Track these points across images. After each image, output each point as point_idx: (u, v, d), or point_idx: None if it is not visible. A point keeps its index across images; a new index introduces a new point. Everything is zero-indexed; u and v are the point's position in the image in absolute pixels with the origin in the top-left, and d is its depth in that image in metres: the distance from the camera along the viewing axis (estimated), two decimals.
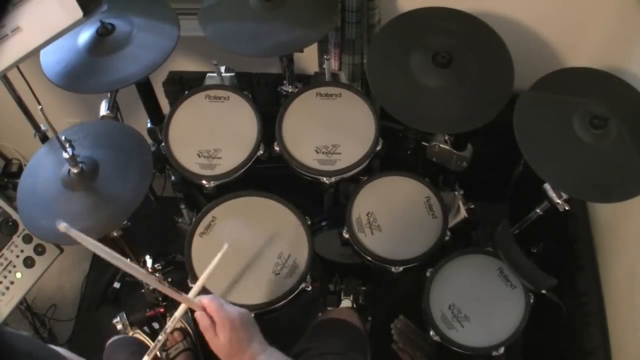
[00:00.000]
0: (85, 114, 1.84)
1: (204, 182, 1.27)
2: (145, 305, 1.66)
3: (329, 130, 1.31)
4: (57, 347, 0.85)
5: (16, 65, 1.05)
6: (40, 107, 0.99)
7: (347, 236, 1.27)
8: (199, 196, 1.63)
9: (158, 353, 1.43)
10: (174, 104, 1.36)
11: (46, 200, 1.14)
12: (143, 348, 1.40)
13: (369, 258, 1.26)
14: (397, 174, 1.34)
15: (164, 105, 1.57)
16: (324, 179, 1.27)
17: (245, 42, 1.25)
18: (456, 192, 1.37)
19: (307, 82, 1.44)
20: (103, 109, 1.40)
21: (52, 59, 1.21)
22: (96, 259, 2.02)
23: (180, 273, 1.28)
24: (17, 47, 1.02)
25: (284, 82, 1.46)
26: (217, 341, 0.84)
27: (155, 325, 1.70)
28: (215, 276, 1.17)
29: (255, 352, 0.85)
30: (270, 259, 1.20)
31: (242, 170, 1.28)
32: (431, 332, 1.21)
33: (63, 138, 1.06)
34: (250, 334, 0.86)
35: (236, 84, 1.44)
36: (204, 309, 0.85)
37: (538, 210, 1.26)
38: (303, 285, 1.18)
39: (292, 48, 1.31)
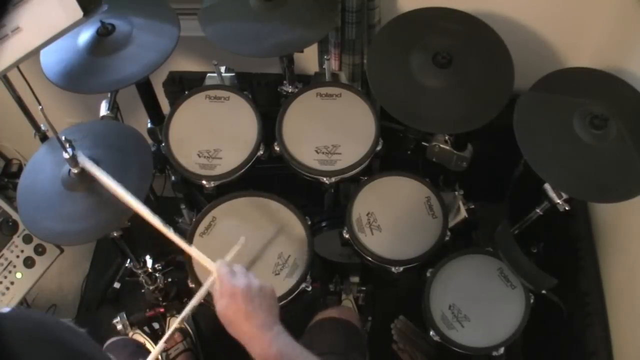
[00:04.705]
0: (85, 114, 1.84)
1: (204, 182, 1.27)
2: (145, 305, 1.66)
3: (329, 130, 1.31)
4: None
5: (16, 65, 1.05)
6: (40, 107, 0.99)
7: (347, 236, 1.27)
8: (199, 196, 1.63)
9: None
10: (174, 104, 1.36)
11: (46, 201, 1.14)
12: (141, 349, 1.40)
13: (369, 258, 1.26)
14: (397, 174, 1.34)
15: (164, 105, 1.57)
16: (324, 179, 1.27)
17: (245, 42, 1.25)
18: (456, 192, 1.37)
19: (307, 82, 1.44)
20: (103, 109, 1.40)
21: (52, 59, 1.21)
22: (96, 259, 2.02)
23: (181, 273, 1.28)
24: (17, 47, 1.02)
25: (284, 82, 1.46)
26: (217, 306, 0.85)
27: (156, 325, 1.71)
28: None
29: (259, 330, 0.83)
30: (270, 259, 1.20)
31: (242, 170, 1.28)
32: (431, 332, 1.21)
33: (63, 138, 1.06)
34: (255, 310, 0.83)
35: (236, 84, 1.44)
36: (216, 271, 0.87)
37: (538, 210, 1.26)
38: (303, 285, 1.18)
39: (292, 48, 1.31)
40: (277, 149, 1.30)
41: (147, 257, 1.54)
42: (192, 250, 0.96)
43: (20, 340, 0.52)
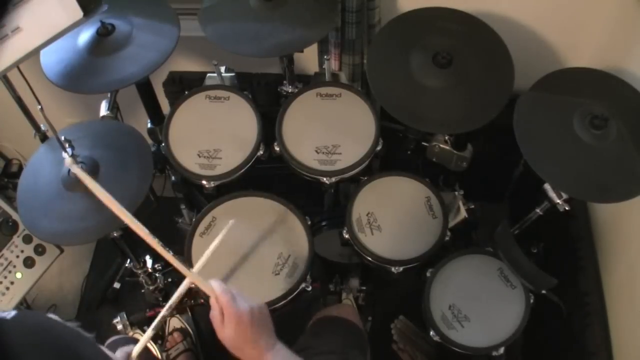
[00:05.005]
0: (85, 114, 1.83)
1: (204, 182, 1.27)
2: (145, 305, 1.66)
3: (329, 130, 1.31)
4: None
5: (16, 65, 1.05)
6: (40, 107, 0.99)
7: (347, 236, 1.27)
8: (199, 196, 1.63)
9: (159, 354, 1.43)
10: (174, 104, 1.36)
11: (46, 201, 1.14)
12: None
13: (369, 258, 1.26)
14: (397, 174, 1.34)
15: (164, 105, 1.57)
16: (324, 179, 1.27)
17: (245, 42, 1.25)
18: (456, 192, 1.37)
19: (307, 82, 1.44)
20: (103, 109, 1.40)
21: (52, 59, 1.21)
22: (96, 259, 2.02)
23: (180, 273, 1.28)
24: (17, 47, 1.01)
25: (284, 82, 1.46)
26: (223, 332, 0.86)
27: None
28: (215, 276, 1.18)
29: (261, 350, 0.86)
30: (270, 259, 1.20)
31: (242, 170, 1.28)
32: (431, 332, 1.21)
33: (63, 138, 1.06)
34: (258, 332, 0.86)
35: (236, 84, 1.44)
36: (216, 298, 0.87)
37: (538, 210, 1.26)
38: (303, 285, 1.18)
39: (292, 48, 1.31)
40: (277, 149, 1.30)
41: (147, 257, 1.54)
42: (191, 274, 0.95)
43: (24, 344, 0.51)
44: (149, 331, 0.94)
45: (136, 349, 0.88)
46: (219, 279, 1.17)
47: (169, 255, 0.92)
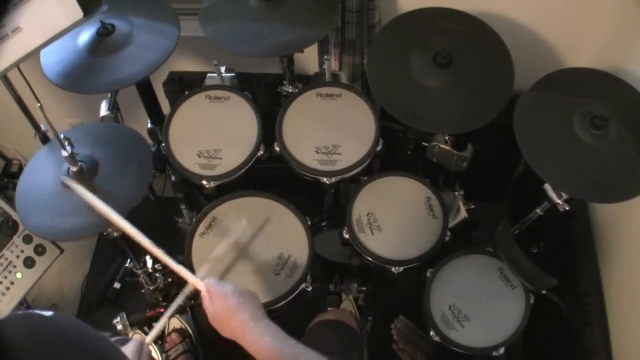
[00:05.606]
0: (85, 115, 1.84)
1: (204, 182, 1.27)
2: (145, 305, 1.66)
3: (329, 130, 1.31)
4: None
5: (16, 65, 1.05)
6: (39, 104, 0.99)
7: (347, 236, 1.27)
8: (199, 196, 1.63)
9: (158, 355, 1.43)
10: (174, 104, 1.36)
11: (46, 200, 1.14)
12: None
13: (369, 258, 1.26)
14: (397, 174, 1.34)
15: (164, 105, 1.57)
16: (324, 179, 1.27)
17: (245, 42, 1.25)
18: (456, 192, 1.37)
19: (307, 82, 1.44)
20: (103, 110, 1.40)
21: (53, 59, 1.21)
22: (96, 259, 2.02)
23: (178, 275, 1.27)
24: (17, 47, 1.01)
25: (284, 82, 1.46)
26: (211, 311, 0.89)
27: None
28: (215, 275, 1.18)
29: (247, 322, 0.87)
30: (270, 259, 1.20)
31: (243, 170, 1.28)
32: (431, 333, 1.21)
33: (62, 136, 1.06)
34: (244, 305, 0.88)
35: (236, 84, 1.44)
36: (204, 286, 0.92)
37: (538, 211, 1.26)
38: (303, 285, 1.18)
39: (292, 48, 1.31)
40: (277, 149, 1.30)
41: (147, 257, 1.54)
42: (180, 269, 0.99)
43: (63, 344, 0.53)
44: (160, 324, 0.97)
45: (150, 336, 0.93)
46: (219, 278, 1.17)
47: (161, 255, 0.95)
